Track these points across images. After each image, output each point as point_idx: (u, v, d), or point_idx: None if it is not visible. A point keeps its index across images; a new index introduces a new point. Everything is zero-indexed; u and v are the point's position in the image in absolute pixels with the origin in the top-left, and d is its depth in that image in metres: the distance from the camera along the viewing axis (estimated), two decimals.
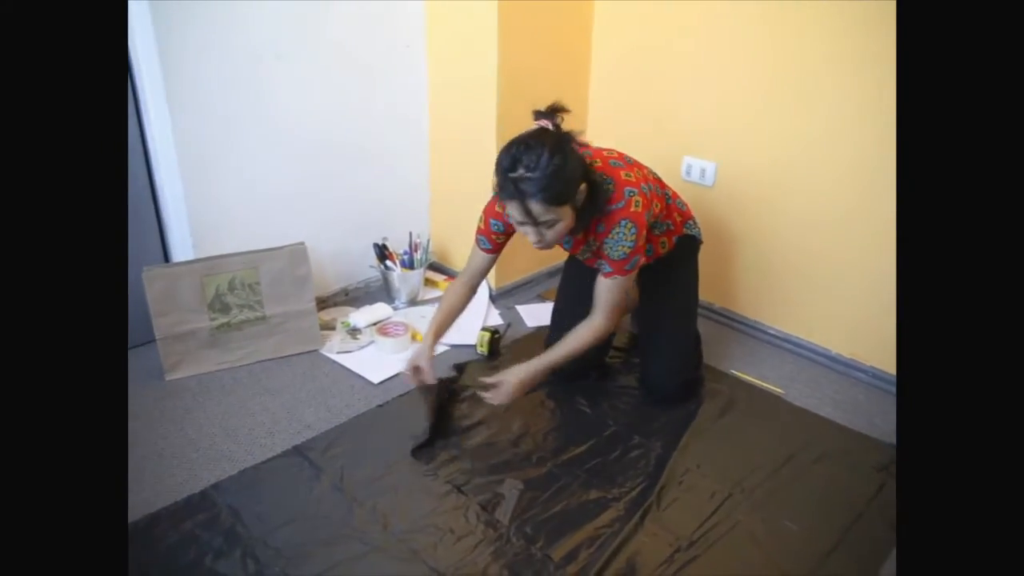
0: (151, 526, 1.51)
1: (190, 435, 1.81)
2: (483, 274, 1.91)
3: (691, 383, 2.06)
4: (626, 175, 1.68)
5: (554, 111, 1.60)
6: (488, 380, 1.74)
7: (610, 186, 1.66)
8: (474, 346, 2.22)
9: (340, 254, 2.48)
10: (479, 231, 1.83)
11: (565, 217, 1.58)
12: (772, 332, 2.33)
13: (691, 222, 1.97)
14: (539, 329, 2.34)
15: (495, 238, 1.83)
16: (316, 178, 2.35)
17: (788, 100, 2.07)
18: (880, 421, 1.94)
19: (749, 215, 2.26)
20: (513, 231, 1.77)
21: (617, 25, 2.43)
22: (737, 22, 2.11)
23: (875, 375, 2.11)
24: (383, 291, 2.55)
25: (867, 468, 1.75)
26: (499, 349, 2.22)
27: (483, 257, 1.87)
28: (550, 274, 2.74)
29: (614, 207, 1.64)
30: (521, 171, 1.50)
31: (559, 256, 1.95)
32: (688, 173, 2.34)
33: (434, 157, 2.61)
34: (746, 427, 1.90)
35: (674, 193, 1.95)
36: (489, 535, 1.52)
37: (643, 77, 2.40)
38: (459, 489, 1.64)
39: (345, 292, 2.55)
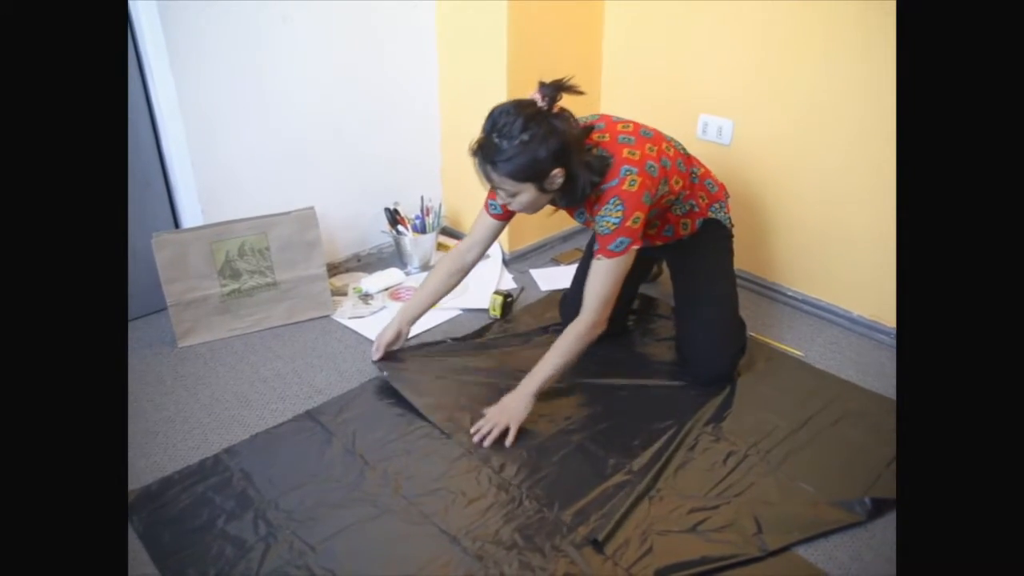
0: (164, 489, 1.51)
1: (202, 400, 1.81)
2: (486, 244, 1.86)
3: (733, 368, 1.91)
4: (629, 153, 1.62)
5: (557, 88, 1.54)
6: (486, 425, 1.66)
7: (609, 163, 1.61)
8: (487, 309, 2.19)
9: (351, 220, 2.45)
10: (491, 196, 1.79)
11: (525, 192, 1.57)
12: (791, 294, 2.28)
13: (717, 205, 1.88)
14: (551, 293, 2.31)
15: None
16: (325, 144, 2.31)
17: (804, 57, 2.00)
18: None
19: (767, 174, 2.19)
20: None
21: None
22: None
23: None
24: (395, 257, 2.53)
25: (887, 431, 1.71)
26: (512, 313, 2.19)
27: (490, 224, 1.83)
28: (563, 238, 2.71)
29: (608, 185, 1.61)
30: (494, 135, 1.52)
31: (572, 221, 1.92)
32: (704, 131, 2.28)
33: (445, 121, 2.57)
34: (764, 389, 1.87)
35: (704, 172, 1.88)
36: (501, 498, 1.50)
37: (656, 36, 2.33)
38: (471, 452, 1.63)
39: (357, 258, 2.52)
